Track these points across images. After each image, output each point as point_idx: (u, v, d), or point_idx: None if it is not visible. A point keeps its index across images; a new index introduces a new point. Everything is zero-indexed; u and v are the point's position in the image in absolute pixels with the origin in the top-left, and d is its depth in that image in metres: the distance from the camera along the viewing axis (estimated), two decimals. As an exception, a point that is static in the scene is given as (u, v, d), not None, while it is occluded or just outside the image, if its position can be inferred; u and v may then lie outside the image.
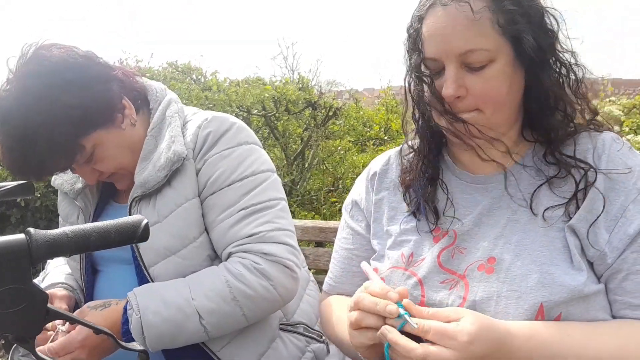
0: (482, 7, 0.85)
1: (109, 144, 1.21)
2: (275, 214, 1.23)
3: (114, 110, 1.22)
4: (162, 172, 1.20)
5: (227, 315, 1.16)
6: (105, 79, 1.21)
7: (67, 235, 0.54)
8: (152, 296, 1.15)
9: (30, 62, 1.13)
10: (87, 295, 1.35)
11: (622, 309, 0.87)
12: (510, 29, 0.86)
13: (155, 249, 1.21)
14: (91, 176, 1.25)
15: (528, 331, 0.82)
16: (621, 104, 4.21)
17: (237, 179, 1.23)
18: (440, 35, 0.88)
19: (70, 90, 1.13)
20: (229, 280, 1.15)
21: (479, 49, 0.86)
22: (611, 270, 0.87)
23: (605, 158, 0.91)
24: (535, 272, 0.87)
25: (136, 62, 5.66)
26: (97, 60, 1.22)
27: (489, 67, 0.87)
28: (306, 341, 1.36)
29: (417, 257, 1.00)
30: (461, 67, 0.88)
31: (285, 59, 7.44)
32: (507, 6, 0.86)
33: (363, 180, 1.18)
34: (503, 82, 0.88)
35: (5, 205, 3.81)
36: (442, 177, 1.04)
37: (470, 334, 0.77)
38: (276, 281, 1.17)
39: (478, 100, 0.90)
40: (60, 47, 1.18)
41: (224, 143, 1.25)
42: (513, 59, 0.89)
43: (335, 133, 4.98)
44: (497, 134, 0.94)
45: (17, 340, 0.56)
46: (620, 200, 0.87)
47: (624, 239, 0.86)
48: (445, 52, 0.88)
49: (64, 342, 1.11)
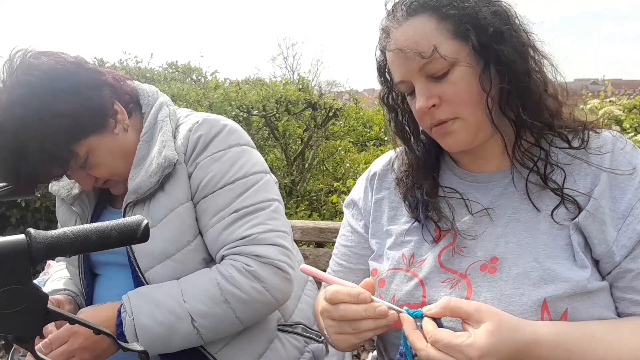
0: (426, 20, 0.90)
1: (103, 149, 1.21)
2: (268, 215, 1.22)
3: (106, 116, 1.21)
4: (154, 177, 1.20)
5: (220, 318, 1.16)
6: (96, 85, 1.20)
7: (67, 235, 0.54)
8: (145, 299, 1.16)
9: (19, 72, 1.13)
10: (87, 298, 1.36)
11: (631, 306, 0.87)
12: (458, 31, 0.90)
13: (150, 254, 1.21)
14: (87, 182, 1.24)
15: (553, 338, 0.81)
16: (621, 104, 4.21)
17: (228, 181, 1.22)
18: (400, 59, 0.93)
19: (61, 99, 1.12)
20: (220, 282, 1.15)
21: (434, 58, 0.89)
22: (619, 268, 0.87)
23: (609, 156, 0.91)
24: (537, 270, 0.87)
25: (136, 62, 5.67)
26: (86, 66, 1.22)
27: (452, 72, 0.90)
28: (305, 341, 1.36)
29: (418, 258, 1.00)
30: (428, 80, 0.92)
31: (285, 60, 7.46)
32: (446, 12, 0.90)
33: (363, 180, 1.19)
34: (471, 82, 0.90)
35: (5, 205, 3.81)
36: (443, 177, 1.05)
37: (482, 349, 0.75)
38: (268, 283, 1.17)
39: (453, 105, 0.92)
40: (49, 54, 1.17)
41: (215, 146, 1.24)
42: (474, 57, 0.91)
43: (336, 133, 4.99)
44: (488, 133, 0.95)
45: (17, 341, 0.56)
46: (627, 198, 0.88)
47: (634, 237, 0.86)
48: (407, 72, 0.93)
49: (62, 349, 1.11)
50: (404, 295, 0.97)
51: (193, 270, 1.21)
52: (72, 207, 1.35)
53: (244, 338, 1.25)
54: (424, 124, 0.97)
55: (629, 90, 6.20)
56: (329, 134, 4.84)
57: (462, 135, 0.93)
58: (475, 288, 0.91)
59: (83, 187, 1.27)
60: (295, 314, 1.37)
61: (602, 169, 0.90)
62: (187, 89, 4.50)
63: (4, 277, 0.52)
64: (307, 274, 0.94)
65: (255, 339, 1.27)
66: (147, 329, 1.12)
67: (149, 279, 1.21)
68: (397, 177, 1.10)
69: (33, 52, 1.16)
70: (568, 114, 0.95)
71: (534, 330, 0.80)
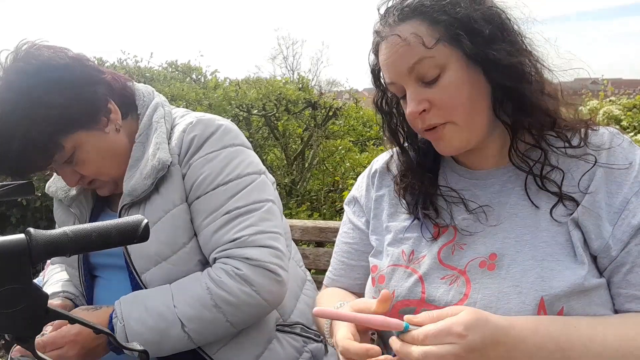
0: (417, 25, 0.91)
1: (90, 146, 1.20)
2: (260, 216, 1.21)
3: (98, 112, 1.21)
4: (148, 180, 1.20)
5: (210, 322, 1.15)
6: (92, 81, 1.20)
7: (67, 235, 0.54)
8: (136, 304, 1.16)
9: (19, 60, 1.14)
10: (87, 299, 1.36)
11: (626, 302, 0.87)
12: (449, 36, 0.90)
13: (146, 256, 1.20)
14: (71, 178, 1.23)
15: (532, 324, 0.82)
16: (621, 104, 4.21)
17: (221, 182, 1.21)
18: (390, 62, 0.94)
19: (53, 90, 1.13)
20: (210, 287, 1.15)
21: (423, 58, 0.90)
22: (615, 263, 0.87)
23: (606, 152, 0.92)
24: (535, 268, 0.88)
25: (135, 61, 5.66)
26: (86, 63, 1.22)
27: (443, 76, 0.91)
28: (303, 341, 1.36)
29: (417, 255, 1.00)
30: (418, 84, 0.93)
31: (285, 59, 7.47)
32: (437, 17, 0.90)
33: (364, 177, 1.20)
34: (462, 87, 0.91)
35: (5, 205, 3.81)
36: (441, 174, 1.06)
37: (465, 323, 0.76)
38: (259, 286, 1.16)
39: (443, 110, 0.92)
40: (51, 47, 1.18)
41: (209, 146, 1.24)
42: (465, 62, 0.91)
43: (335, 133, 4.99)
44: (482, 135, 0.95)
45: (17, 340, 0.56)
46: (622, 193, 0.88)
47: (628, 231, 0.87)
48: (397, 74, 0.94)
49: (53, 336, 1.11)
50: (404, 291, 0.98)
51: (190, 272, 1.21)
52: (70, 209, 1.35)
53: (242, 339, 1.25)
54: (416, 128, 0.97)
55: (629, 90, 6.21)
56: (329, 134, 4.84)
57: (454, 140, 0.94)
58: (474, 284, 0.91)
59: (67, 184, 1.26)
60: (294, 314, 1.37)
61: (598, 164, 0.90)
62: (186, 89, 4.50)
63: (3, 277, 0.51)
64: (321, 316, 0.91)
65: (253, 340, 1.26)
66: (138, 335, 1.13)
67: (145, 281, 1.21)
68: (394, 177, 1.11)
69: (37, 44, 1.17)
70: (566, 113, 0.96)
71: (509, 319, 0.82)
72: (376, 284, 1.04)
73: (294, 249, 1.48)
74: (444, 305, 0.92)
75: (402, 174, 1.09)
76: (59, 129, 1.14)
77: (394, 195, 1.10)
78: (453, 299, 0.92)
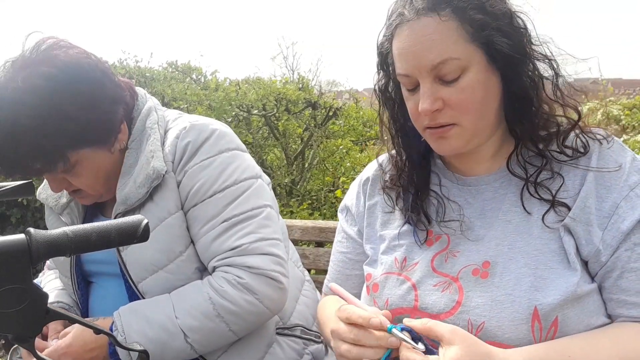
0: (448, 19, 0.85)
1: (93, 163, 1.17)
2: (259, 223, 1.20)
3: (112, 134, 1.18)
4: (142, 188, 1.17)
5: (213, 332, 1.15)
6: (116, 101, 1.17)
7: (67, 235, 0.54)
8: (136, 316, 1.14)
9: (44, 62, 1.08)
10: (82, 308, 1.34)
11: (617, 307, 0.87)
12: (478, 36, 0.86)
13: (142, 265, 1.19)
14: (59, 185, 1.19)
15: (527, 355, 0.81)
16: (621, 104, 4.21)
17: (218, 189, 1.19)
18: (411, 53, 0.88)
19: (78, 103, 1.09)
20: (212, 297, 1.14)
21: (450, 59, 0.85)
22: (606, 268, 0.87)
23: (596, 155, 0.91)
24: (528, 276, 0.87)
25: (135, 61, 5.66)
26: (112, 78, 1.18)
27: (462, 77, 0.87)
28: (304, 343, 1.35)
29: (410, 262, 0.99)
30: (435, 81, 0.88)
31: (285, 59, 7.46)
32: (472, 15, 0.85)
33: (355, 185, 1.18)
34: (478, 90, 0.88)
35: (5, 205, 3.81)
36: (433, 180, 1.04)
37: None
38: (261, 295, 1.15)
39: (456, 111, 0.89)
40: (77, 49, 1.14)
41: (204, 153, 1.21)
42: (486, 65, 0.88)
43: (336, 133, 4.98)
44: (482, 139, 0.94)
45: (17, 340, 0.56)
46: (612, 197, 0.87)
47: (617, 236, 0.86)
48: (417, 68, 0.88)
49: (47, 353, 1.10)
50: (397, 299, 0.97)
51: (187, 280, 1.20)
52: (61, 217, 1.32)
53: (243, 344, 1.24)
54: (419, 125, 0.94)
55: (629, 89, 6.20)
56: (329, 133, 4.84)
57: (456, 142, 0.92)
58: (467, 292, 0.90)
59: (51, 188, 1.21)
60: (294, 316, 1.36)
61: (589, 168, 0.89)
62: (189, 92, 4.50)
63: (4, 277, 0.51)
64: (335, 293, 1.02)
65: (253, 344, 1.26)
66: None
67: (142, 290, 1.20)
68: (389, 177, 1.08)
69: (61, 44, 1.13)
70: (568, 121, 0.94)
71: (506, 356, 0.80)
72: (370, 293, 1.03)
73: (291, 249, 1.47)
74: (437, 313, 0.91)
75: (391, 178, 1.07)
76: (71, 144, 1.11)
77: (388, 202, 1.09)
78: (446, 307, 0.91)
